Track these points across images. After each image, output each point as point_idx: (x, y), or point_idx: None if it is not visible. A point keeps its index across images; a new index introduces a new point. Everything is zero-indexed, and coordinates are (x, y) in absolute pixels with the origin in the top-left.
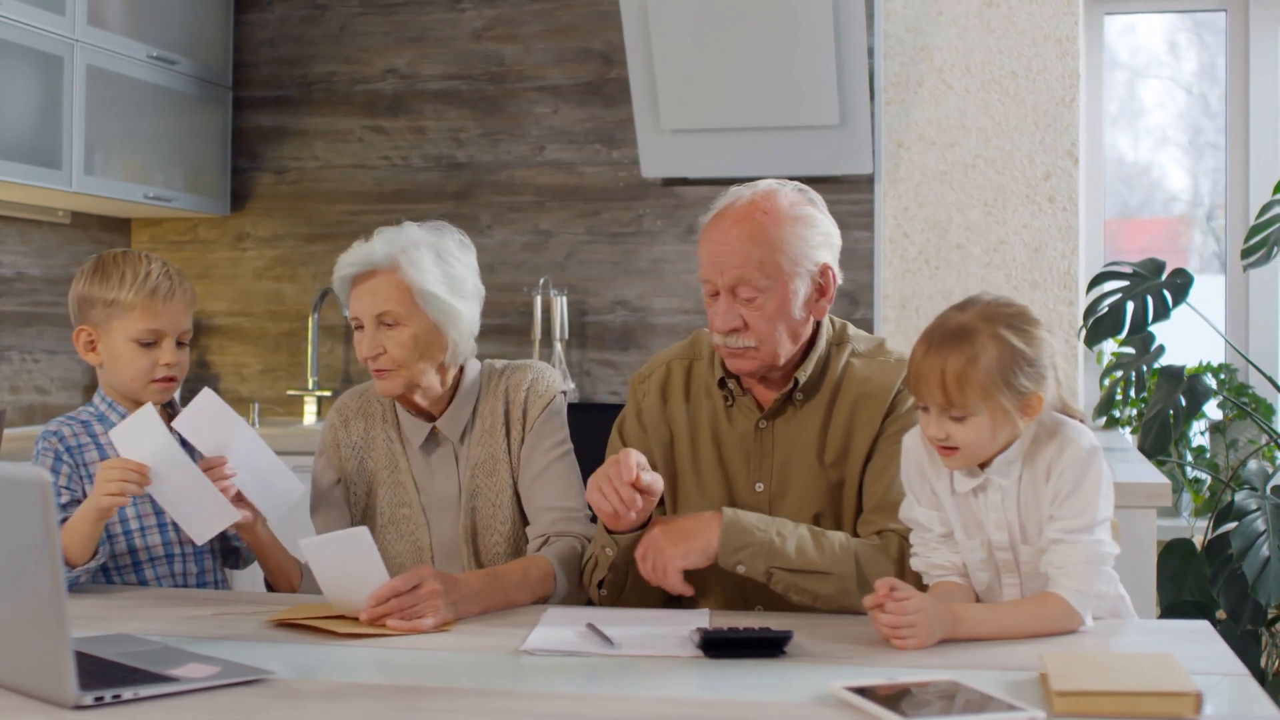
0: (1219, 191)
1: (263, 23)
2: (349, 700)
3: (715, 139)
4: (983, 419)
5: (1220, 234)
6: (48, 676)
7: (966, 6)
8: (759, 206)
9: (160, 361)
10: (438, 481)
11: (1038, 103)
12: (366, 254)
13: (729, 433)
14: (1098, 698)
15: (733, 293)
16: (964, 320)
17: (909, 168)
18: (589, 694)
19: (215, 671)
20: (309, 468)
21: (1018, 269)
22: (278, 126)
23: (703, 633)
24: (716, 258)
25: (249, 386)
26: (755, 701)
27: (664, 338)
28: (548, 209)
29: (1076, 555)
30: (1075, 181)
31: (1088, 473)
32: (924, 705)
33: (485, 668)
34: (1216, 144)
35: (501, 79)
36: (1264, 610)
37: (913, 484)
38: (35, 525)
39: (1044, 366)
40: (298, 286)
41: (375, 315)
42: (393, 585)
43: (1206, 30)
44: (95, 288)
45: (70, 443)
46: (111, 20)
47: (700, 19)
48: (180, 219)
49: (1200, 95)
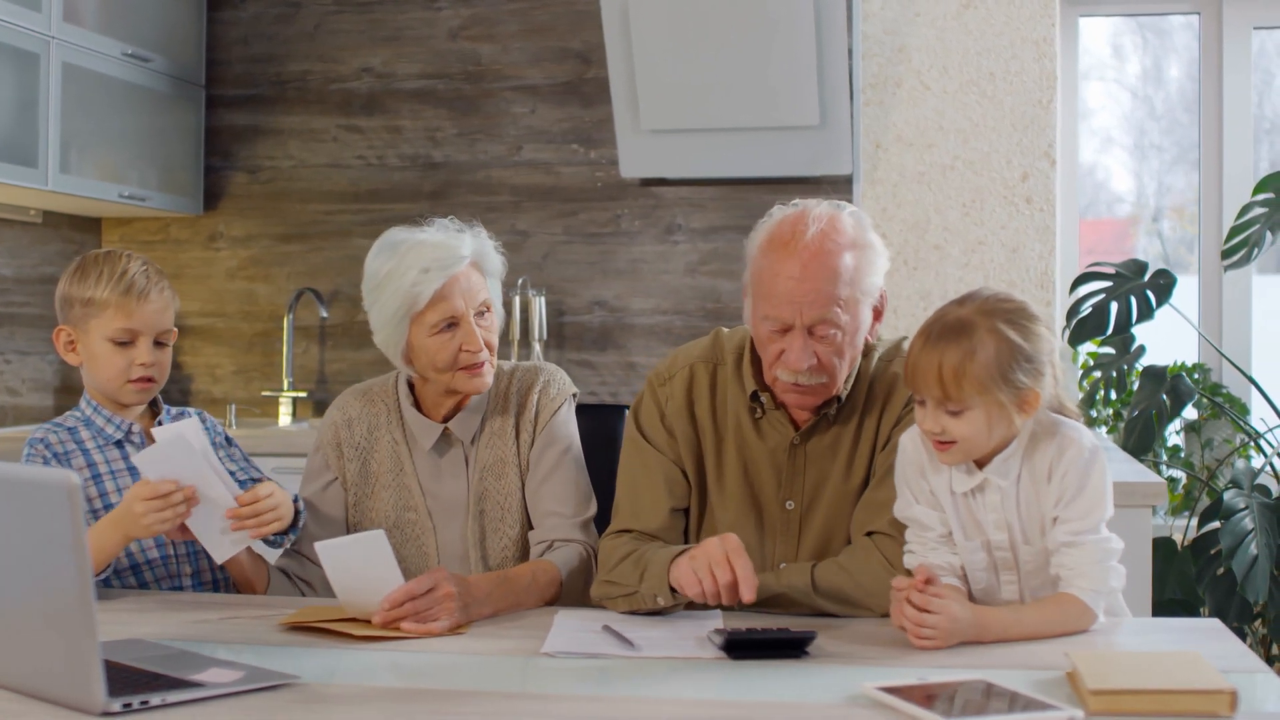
0: (1164, 193)
1: (236, 20)
2: (376, 704)
3: (695, 139)
4: (979, 414)
5: (1164, 236)
6: (75, 683)
7: (944, 8)
8: (830, 238)
9: (136, 361)
10: (446, 484)
11: (1015, 104)
12: (455, 250)
13: (758, 446)
14: (1134, 696)
15: (809, 331)
16: (963, 315)
17: (887, 169)
18: (615, 696)
19: (239, 676)
20: (287, 469)
21: (995, 269)
22: (251, 125)
23: (725, 634)
24: (795, 297)
25: (222, 388)
26: (789, 703)
27: (642, 338)
28: (525, 209)
29: (1087, 556)
30: (1052, 182)
31: (1091, 473)
32: (963, 705)
33: (508, 670)
34: (1161, 146)
35: (478, 78)
36: (1250, 607)
37: (910, 483)
38: (63, 528)
39: (1042, 363)
40: (271, 287)
41: (476, 309)
42: (408, 588)
43: (1150, 32)
44: (74, 287)
45: (58, 449)
46: (86, 17)
47: (682, 19)
48: (152, 218)
49: (1145, 98)
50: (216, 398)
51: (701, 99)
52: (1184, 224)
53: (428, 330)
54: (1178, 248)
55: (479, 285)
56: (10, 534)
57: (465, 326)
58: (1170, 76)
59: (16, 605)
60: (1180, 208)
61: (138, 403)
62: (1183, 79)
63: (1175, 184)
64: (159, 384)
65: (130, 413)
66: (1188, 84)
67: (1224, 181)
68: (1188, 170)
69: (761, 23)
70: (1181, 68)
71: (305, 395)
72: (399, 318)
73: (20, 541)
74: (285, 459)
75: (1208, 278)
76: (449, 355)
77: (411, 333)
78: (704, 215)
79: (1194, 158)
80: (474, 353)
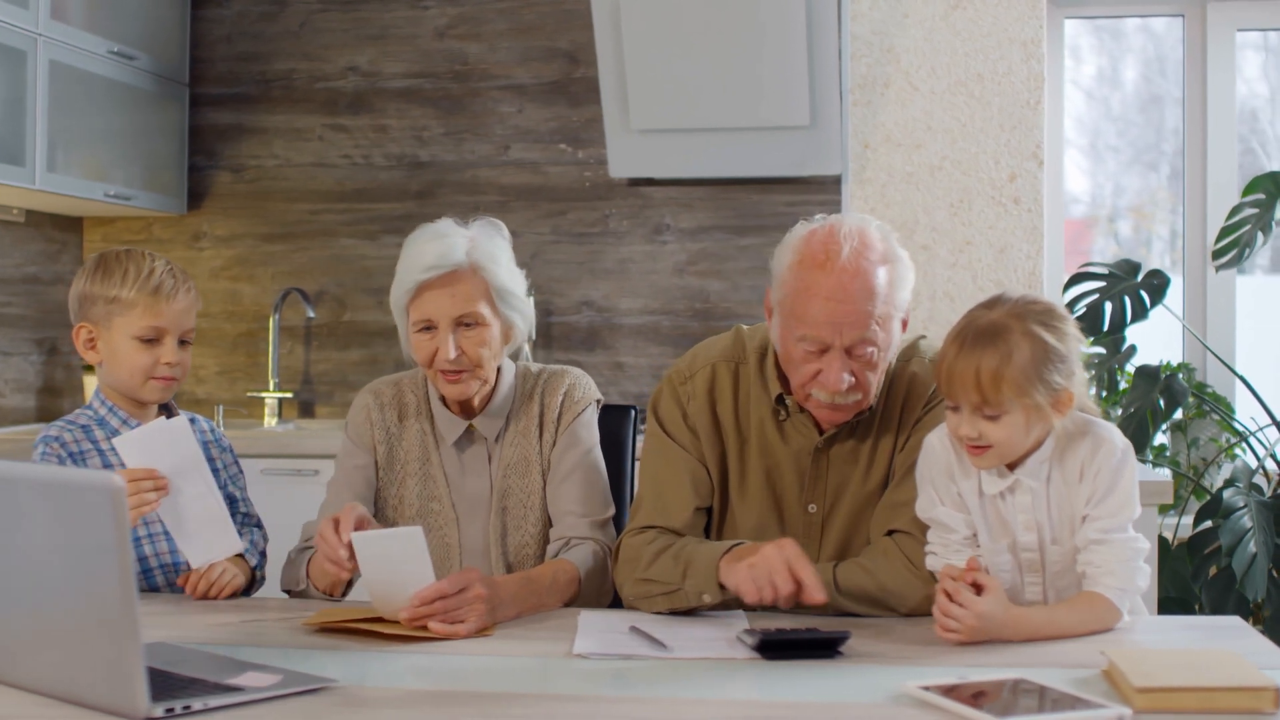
0: (1120, 194)
1: (220, 18)
2: (418, 708)
3: (685, 139)
4: (1017, 416)
5: (1121, 237)
6: (116, 688)
7: (932, 9)
8: (864, 255)
9: (162, 360)
10: (469, 480)
11: (1003, 105)
12: (444, 255)
13: (782, 449)
14: (1180, 693)
15: (848, 351)
16: (995, 318)
17: (875, 169)
18: (657, 697)
19: (277, 680)
20: (274, 470)
21: (983, 269)
22: (236, 124)
23: (759, 635)
24: (835, 318)
25: (205, 388)
26: (833, 703)
27: (630, 338)
28: (512, 209)
29: (1116, 554)
30: (1040, 183)
31: (1123, 472)
32: (1012, 705)
33: (543, 672)
34: (1117, 147)
35: (465, 77)
36: (1247, 605)
37: (937, 484)
38: (107, 531)
39: (1074, 362)
40: (256, 287)
41: (455, 318)
42: (439, 587)
43: (1107, 34)
44: (96, 285)
45: (73, 449)
46: (73, 14)
47: (673, 18)
48: (135, 218)
49: (1101, 99)
50: (201, 399)
51: (692, 99)
52: (1147, 224)
53: (412, 326)
54: (1137, 248)
55: (471, 295)
56: (52, 537)
57: (440, 334)
58: (1126, 78)
59: (57, 609)
60: (1139, 208)
61: (159, 400)
62: (1138, 80)
63: (1131, 185)
64: (180, 382)
65: (145, 414)
66: (1143, 85)
67: (1208, 182)
68: (1143, 171)
69: (753, 23)
70: (1137, 69)
71: (291, 396)
72: (398, 307)
73: (62, 545)
74: (272, 460)
75: (1192, 278)
76: (426, 355)
77: (407, 324)
78: (692, 215)
79: (1149, 159)
80: (447, 360)
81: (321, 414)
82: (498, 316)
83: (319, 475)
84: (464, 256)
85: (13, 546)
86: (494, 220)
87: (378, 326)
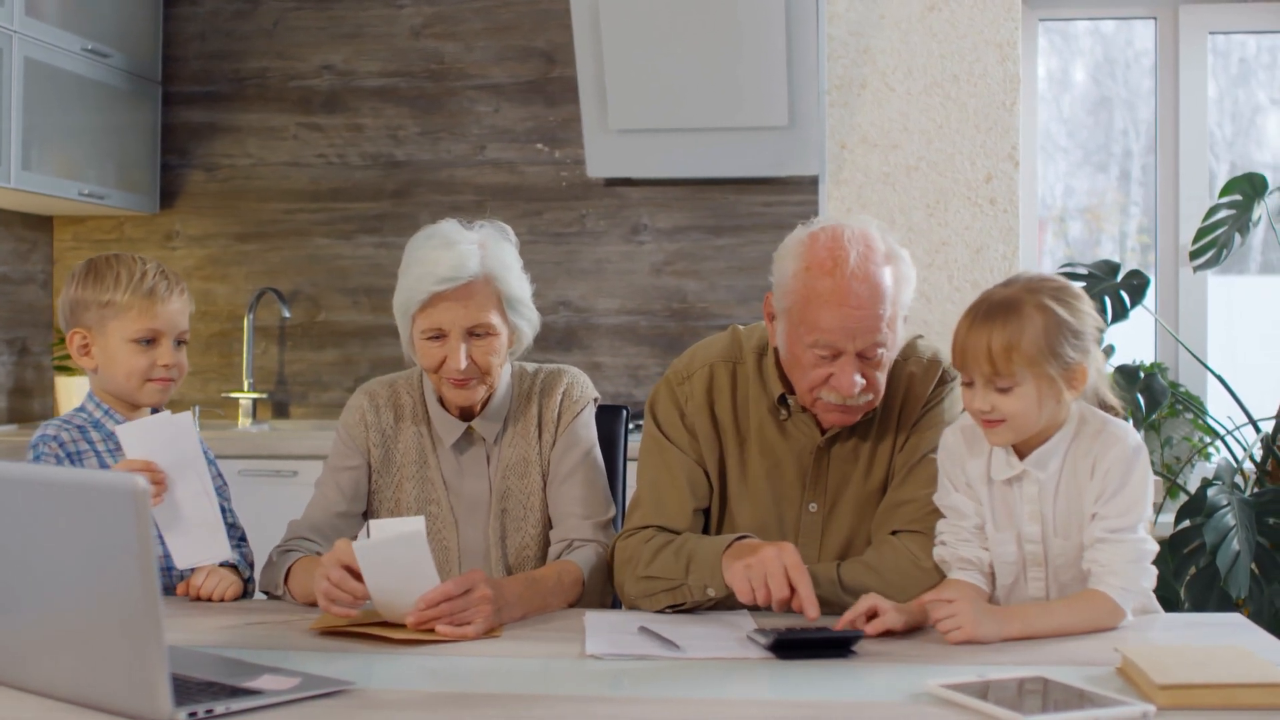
0: (1070, 195)
1: (192, 16)
2: (438, 710)
3: (664, 139)
4: (1029, 389)
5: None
6: (139, 692)
7: (909, 10)
8: (870, 259)
9: (159, 362)
10: (468, 482)
11: (979, 106)
12: (459, 267)
13: (783, 448)
14: (1201, 690)
15: (860, 354)
16: (1009, 294)
17: (852, 169)
18: (672, 698)
19: (296, 683)
20: (250, 471)
21: (959, 270)
22: (209, 123)
23: (772, 634)
24: (849, 324)
25: (180, 389)
26: (852, 702)
27: (607, 338)
28: (489, 209)
29: (1122, 554)
30: (1016, 184)
31: (1134, 471)
32: (1039, 702)
33: (558, 674)
34: (1066, 149)
35: (441, 77)
36: (1230, 602)
37: (949, 471)
38: (129, 533)
39: (1088, 339)
40: (229, 287)
41: (467, 328)
42: (444, 589)
43: (1057, 35)
44: (88, 291)
45: (70, 449)
46: (48, 11)
47: (652, 18)
48: (106, 217)
49: (1052, 100)
50: (175, 399)
51: (670, 99)
52: (1099, 224)
53: (420, 333)
54: (1088, 249)
55: (484, 305)
56: (73, 539)
57: (451, 343)
58: (1075, 80)
59: (77, 612)
60: (1092, 209)
61: (156, 402)
62: (1088, 82)
63: (1080, 186)
64: (177, 384)
65: (139, 416)
66: (1092, 87)
67: (1180, 184)
68: (1093, 173)
69: (732, 23)
70: (1087, 71)
71: (265, 396)
72: (403, 311)
73: (83, 548)
74: (248, 460)
75: (1165, 280)
76: (433, 362)
77: (412, 329)
78: (670, 215)
79: (1099, 160)
80: (456, 369)
81: (296, 415)
82: (506, 324)
83: (297, 476)
84: (478, 267)
85: (33, 549)
86: (500, 224)
87: (353, 327)
